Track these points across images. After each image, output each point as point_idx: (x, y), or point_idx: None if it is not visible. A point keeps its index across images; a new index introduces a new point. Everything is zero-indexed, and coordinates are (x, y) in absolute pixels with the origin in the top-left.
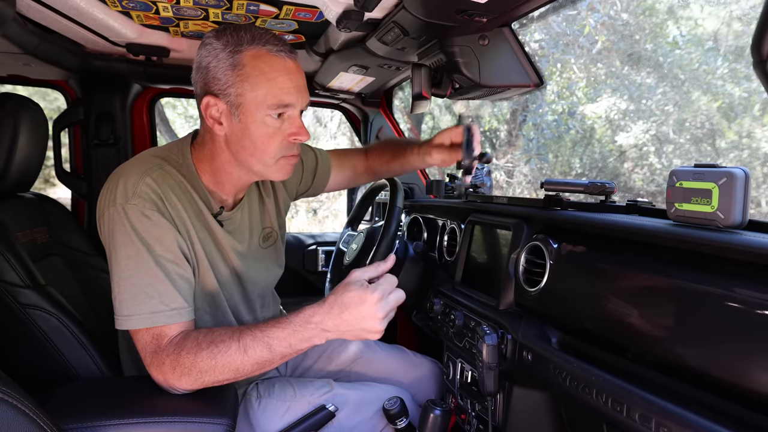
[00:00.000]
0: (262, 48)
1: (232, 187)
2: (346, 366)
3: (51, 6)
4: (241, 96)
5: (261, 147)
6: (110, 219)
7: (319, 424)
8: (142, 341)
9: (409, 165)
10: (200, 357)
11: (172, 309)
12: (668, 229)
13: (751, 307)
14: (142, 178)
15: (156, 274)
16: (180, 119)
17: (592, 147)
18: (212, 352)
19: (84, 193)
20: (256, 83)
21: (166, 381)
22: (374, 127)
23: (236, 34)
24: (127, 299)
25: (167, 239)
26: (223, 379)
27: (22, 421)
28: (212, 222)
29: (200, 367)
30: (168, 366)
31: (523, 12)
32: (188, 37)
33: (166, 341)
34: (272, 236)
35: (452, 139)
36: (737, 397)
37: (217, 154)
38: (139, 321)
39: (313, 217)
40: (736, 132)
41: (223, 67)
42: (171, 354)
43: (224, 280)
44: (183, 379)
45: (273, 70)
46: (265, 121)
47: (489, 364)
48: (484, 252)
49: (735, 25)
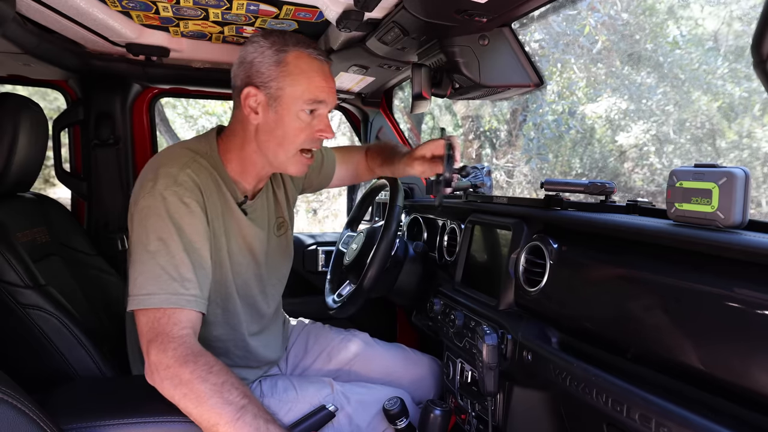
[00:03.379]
0: (305, 51)
1: (254, 177)
2: (345, 364)
3: (51, 6)
4: (281, 89)
5: (290, 138)
6: (146, 205)
7: (319, 424)
8: (150, 319)
9: (397, 171)
10: (205, 380)
11: (191, 294)
12: (668, 229)
13: (751, 307)
14: (183, 169)
15: (183, 258)
16: (180, 119)
17: (593, 147)
18: (213, 394)
19: (84, 193)
20: (296, 80)
21: (158, 365)
22: (374, 127)
23: (282, 37)
24: (150, 279)
25: (199, 229)
26: (186, 411)
27: (22, 421)
28: (237, 210)
29: (190, 391)
30: (170, 355)
31: (523, 12)
32: (188, 37)
33: (175, 328)
34: (284, 225)
35: (433, 152)
36: (737, 397)
37: (247, 143)
38: (158, 300)
39: (313, 217)
40: (737, 132)
41: (268, 63)
42: (178, 352)
43: (241, 271)
44: (168, 382)
45: (312, 70)
46: (299, 115)
47: (489, 364)
48: (484, 252)
49: (735, 25)
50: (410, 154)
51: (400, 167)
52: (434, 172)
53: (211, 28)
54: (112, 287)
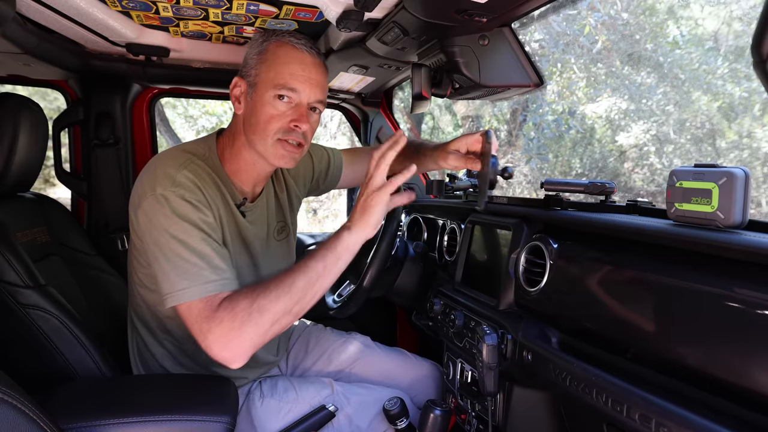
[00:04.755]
0: (287, 40)
1: (250, 176)
2: (346, 366)
3: (51, 6)
4: (257, 76)
5: (262, 125)
6: (149, 207)
7: (320, 424)
8: (195, 312)
9: (422, 166)
10: (257, 291)
11: (223, 279)
12: (668, 229)
13: (751, 307)
14: (180, 170)
15: (204, 249)
16: (180, 119)
17: (593, 147)
18: (267, 283)
19: (84, 193)
20: (270, 66)
21: (226, 345)
22: (374, 127)
23: (274, 33)
24: (179, 275)
25: (208, 220)
26: (281, 310)
27: (22, 421)
28: (235, 212)
29: (259, 304)
30: (226, 323)
31: (523, 12)
32: (188, 37)
33: (218, 303)
34: (285, 230)
35: (468, 147)
36: (737, 397)
37: (237, 137)
38: (194, 292)
39: (313, 217)
40: (737, 132)
41: (252, 53)
42: (227, 308)
43: (241, 272)
44: (244, 329)
45: (289, 57)
46: (272, 102)
47: (489, 364)
48: (484, 252)
49: (735, 25)
50: (444, 148)
51: (431, 161)
52: (468, 167)
53: (211, 28)
54: (112, 287)
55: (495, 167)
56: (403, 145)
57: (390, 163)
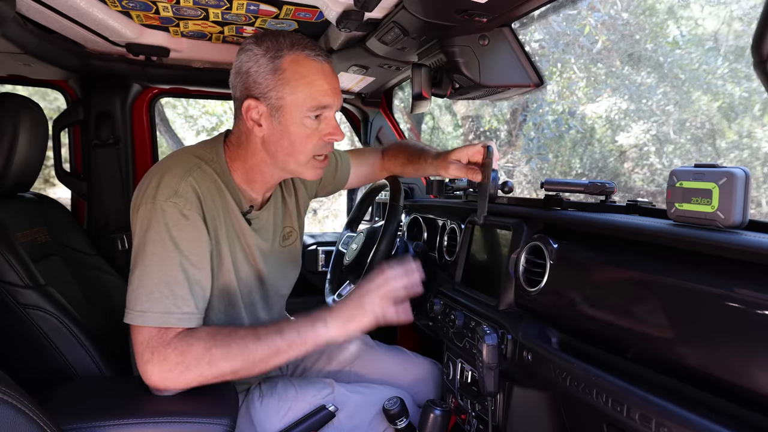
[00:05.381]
0: (301, 53)
1: (263, 186)
2: (345, 366)
3: (51, 6)
4: (281, 99)
5: (299, 147)
6: (146, 214)
7: (320, 424)
8: (145, 337)
9: (423, 171)
10: (216, 341)
11: (183, 313)
12: (668, 229)
13: (751, 307)
14: (185, 178)
15: (177, 276)
16: (180, 119)
17: (593, 147)
18: (229, 336)
19: (84, 193)
20: (296, 87)
21: (163, 379)
22: (374, 127)
23: (275, 40)
24: (143, 294)
25: (198, 242)
26: (230, 370)
27: (22, 421)
28: (241, 220)
29: (212, 355)
30: (172, 361)
31: (523, 12)
32: (188, 37)
33: (172, 337)
34: (292, 235)
35: (470, 158)
36: (737, 397)
37: (253, 154)
38: (150, 318)
39: (313, 217)
40: (737, 132)
41: (264, 72)
42: (178, 347)
43: (245, 279)
44: (186, 374)
45: (311, 73)
46: (304, 122)
47: (489, 364)
48: (484, 252)
49: (735, 25)
50: (444, 157)
51: (432, 168)
52: (468, 177)
53: (211, 28)
54: (112, 287)
55: (495, 181)
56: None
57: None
